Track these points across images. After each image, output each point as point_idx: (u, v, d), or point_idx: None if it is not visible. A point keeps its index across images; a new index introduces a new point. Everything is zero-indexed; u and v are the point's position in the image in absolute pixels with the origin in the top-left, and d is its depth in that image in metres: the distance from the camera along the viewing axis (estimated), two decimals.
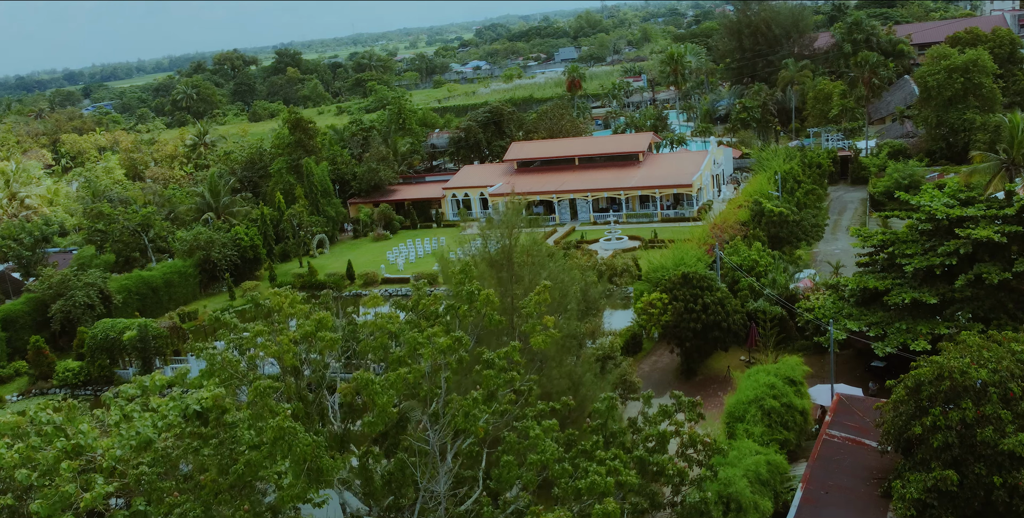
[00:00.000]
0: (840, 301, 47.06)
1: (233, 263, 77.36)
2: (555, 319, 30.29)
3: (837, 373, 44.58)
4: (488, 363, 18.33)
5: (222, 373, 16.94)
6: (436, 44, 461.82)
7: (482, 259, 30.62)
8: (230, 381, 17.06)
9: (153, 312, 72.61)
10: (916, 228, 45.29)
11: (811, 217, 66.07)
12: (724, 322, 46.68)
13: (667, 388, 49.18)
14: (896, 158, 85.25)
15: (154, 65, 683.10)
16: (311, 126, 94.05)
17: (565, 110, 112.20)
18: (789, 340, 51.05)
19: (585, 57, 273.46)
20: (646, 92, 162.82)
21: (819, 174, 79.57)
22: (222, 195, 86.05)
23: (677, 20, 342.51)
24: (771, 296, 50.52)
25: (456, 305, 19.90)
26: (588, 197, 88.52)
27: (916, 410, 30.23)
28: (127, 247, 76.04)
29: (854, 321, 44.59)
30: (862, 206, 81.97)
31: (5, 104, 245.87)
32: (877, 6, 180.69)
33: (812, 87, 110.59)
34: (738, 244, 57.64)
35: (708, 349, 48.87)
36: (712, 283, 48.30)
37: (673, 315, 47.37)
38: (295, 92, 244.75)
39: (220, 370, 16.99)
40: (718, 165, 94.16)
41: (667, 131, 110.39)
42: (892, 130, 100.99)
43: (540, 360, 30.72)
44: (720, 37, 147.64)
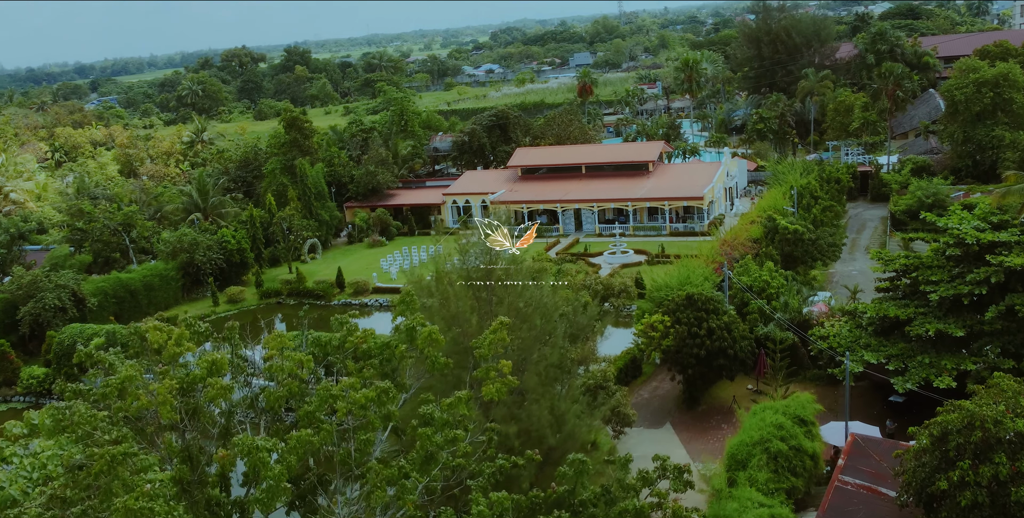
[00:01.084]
0: (857, 329, 43.91)
1: (218, 267, 74.54)
2: (538, 349, 27.39)
3: (852, 408, 41.40)
4: (426, 419, 15.37)
5: (76, 429, 13.92)
6: (451, 46, 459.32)
7: (459, 277, 27.68)
8: (88, 438, 14.00)
9: (131, 317, 69.71)
10: (943, 253, 42.11)
11: (828, 236, 62.87)
12: (730, 349, 43.55)
13: (666, 418, 46.08)
14: (919, 175, 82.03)
15: (166, 61, 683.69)
16: (308, 125, 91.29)
17: (574, 116, 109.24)
18: (801, 369, 47.91)
19: (600, 63, 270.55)
20: (660, 100, 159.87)
21: (837, 190, 76.38)
22: (211, 195, 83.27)
23: (696, 28, 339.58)
24: (782, 321, 47.37)
25: (393, 344, 16.97)
26: (594, 207, 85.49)
27: (942, 462, 27.12)
28: (107, 247, 73.29)
29: (872, 352, 41.46)
30: (882, 225, 78.73)
31: (7, 96, 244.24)
32: (902, 18, 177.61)
33: (832, 98, 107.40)
34: (749, 263, 54.52)
35: (712, 377, 45.77)
36: (719, 306, 45.19)
37: (675, 339, 44.26)
38: (303, 91, 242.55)
39: (73, 426, 13.94)
40: (731, 177, 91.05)
41: (680, 140, 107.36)
42: (915, 146, 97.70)
43: (520, 392, 27.69)
44: (738, 45, 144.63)
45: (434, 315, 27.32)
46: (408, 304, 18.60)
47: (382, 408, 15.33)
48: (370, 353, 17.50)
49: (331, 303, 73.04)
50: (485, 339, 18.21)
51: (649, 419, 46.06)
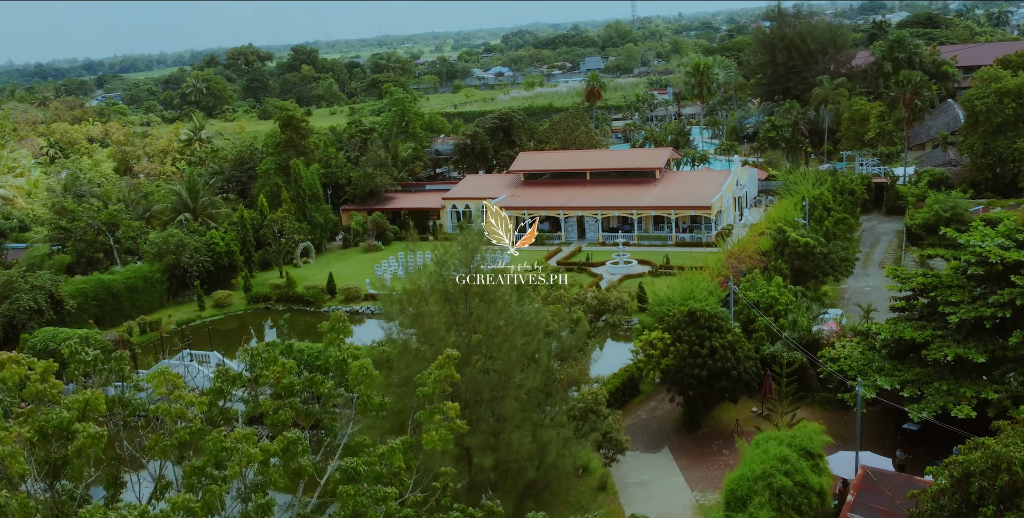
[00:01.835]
0: (870, 351, 41.44)
1: (205, 270, 72.38)
2: (520, 371, 25.08)
3: (863, 435, 38.92)
4: (349, 474, 12.97)
5: None
6: (462, 49, 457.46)
7: (433, 290, 25.39)
8: None
9: (112, 320, 67.83)
10: (964, 271, 39.65)
11: (840, 249, 60.43)
12: (734, 370, 41.13)
13: (664, 442, 43.65)
14: (937, 188, 79.45)
15: (175, 58, 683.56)
16: (304, 125, 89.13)
17: (580, 120, 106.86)
18: (809, 392, 45.46)
19: (611, 68, 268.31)
20: (671, 106, 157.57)
21: (851, 202, 73.90)
22: (201, 195, 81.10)
23: (710, 34, 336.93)
24: (790, 341, 44.92)
25: (318, 379, 14.67)
26: (597, 215, 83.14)
27: (963, 506, 24.75)
28: (90, 247, 71.17)
29: (886, 377, 38.98)
30: (897, 239, 76.21)
31: (10, 90, 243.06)
32: (920, 27, 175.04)
33: (848, 107, 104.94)
34: (756, 277, 52.07)
35: (714, 398, 43.33)
36: (723, 323, 42.78)
37: (675, 358, 41.86)
38: (308, 91, 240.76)
39: None
40: (741, 187, 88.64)
41: (689, 147, 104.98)
42: (933, 157, 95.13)
43: (499, 418, 25.39)
44: (752, 51, 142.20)
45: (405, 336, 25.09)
46: (339, 330, 16.25)
47: (291, 462, 13.01)
48: (292, 390, 15.15)
49: (321, 310, 70.83)
50: (429, 375, 15.80)
51: (646, 442, 43.68)
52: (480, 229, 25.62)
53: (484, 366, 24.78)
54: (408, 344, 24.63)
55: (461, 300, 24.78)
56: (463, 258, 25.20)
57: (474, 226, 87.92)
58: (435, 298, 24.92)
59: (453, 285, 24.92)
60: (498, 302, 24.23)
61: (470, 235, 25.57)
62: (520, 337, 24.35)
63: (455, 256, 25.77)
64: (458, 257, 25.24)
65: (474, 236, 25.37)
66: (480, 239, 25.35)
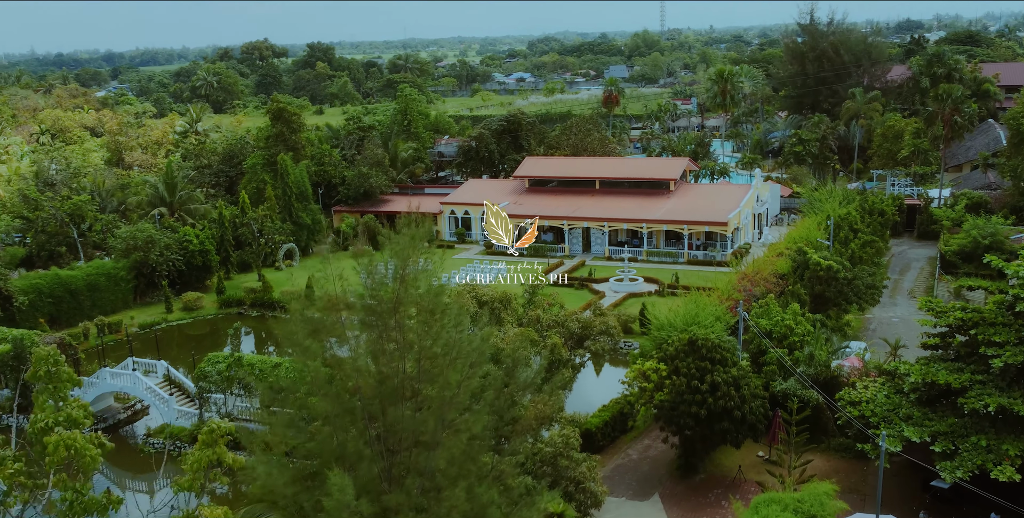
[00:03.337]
0: (897, 395, 36.40)
1: (176, 269, 68.01)
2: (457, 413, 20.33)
3: (885, 491, 33.86)
4: None
5: None
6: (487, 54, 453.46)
7: (360, 308, 20.70)
8: None
9: (70, 320, 63.53)
10: (1010, 307, 34.60)
11: (867, 275, 55.21)
12: (737, 410, 36.16)
13: (655, 488, 38.68)
14: (975, 212, 74.11)
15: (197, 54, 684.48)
16: (295, 118, 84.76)
17: (594, 125, 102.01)
18: (824, 436, 40.41)
19: (636, 77, 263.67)
20: (694, 117, 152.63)
21: (881, 223, 68.65)
22: (179, 188, 76.72)
23: (740, 47, 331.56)
24: (805, 378, 39.88)
25: None
26: (605, 227, 78.27)
27: None
28: (52, 240, 66.92)
29: (914, 427, 33.94)
30: (929, 266, 70.95)
31: (16, 76, 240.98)
32: (960, 44, 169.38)
33: (881, 123, 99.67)
34: (771, 302, 47.05)
35: (715, 440, 38.31)
36: (728, 354, 37.80)
37: (671, 393, 36.95)
38: (323, 89, 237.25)
39: None
40: (762, 203, 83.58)
41: (709, 159, 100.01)
42: (971, 179, 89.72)
43: (429, 471, 20.61)
44: (782, 63, 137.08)
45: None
46: (54, 378, 11.58)
47: None
48: None
49: None
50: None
51: (635, 487, 38.76)
52: (418, 233, 20.90)
53: (415, 404, 20.09)
54: (312, 372, 19.99)
55: (390, 319, 20.12)
56: (396, 268, 20.55)
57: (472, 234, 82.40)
58: (358, 315, 20.31)
59: (382, 301, 20.26)
60: (434, 325, 19.61)
61: (403, 240, 20.83)
62: (459, 369, 19.62)
63: (388, 262, 21.11)
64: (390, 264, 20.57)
65: (408, 240, 20.67)
66: (414, 245, 20.61)
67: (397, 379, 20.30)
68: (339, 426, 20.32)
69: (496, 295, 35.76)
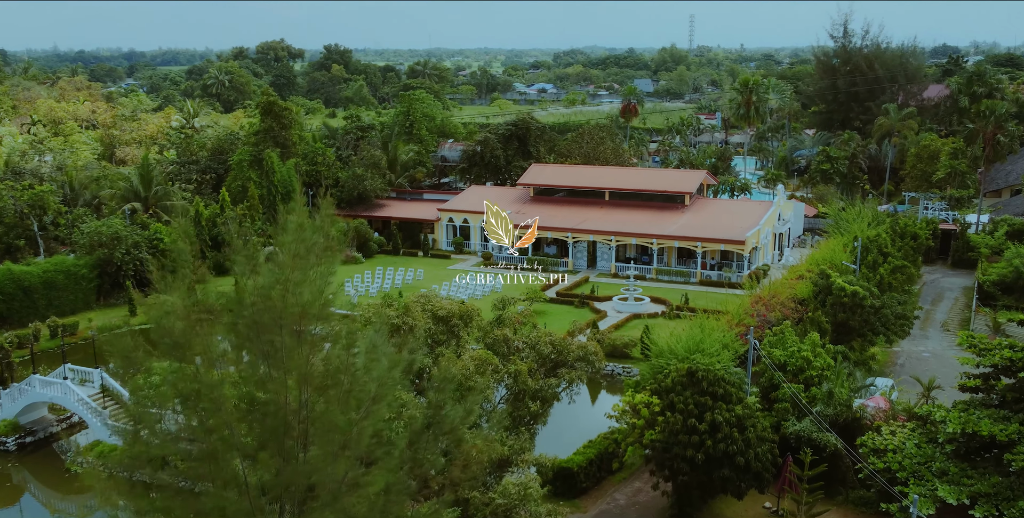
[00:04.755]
0: (929, 445, 31.41)
1: (143, 268, 63.66)
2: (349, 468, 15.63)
3: None
4: None
5: None
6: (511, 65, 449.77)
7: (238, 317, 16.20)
8: None
9: (21, 319, 59.36)
10: None
11: (896, 304, 50.16)
12: (741, 456, 31.22)
13: None
14: (1017, 240, 68.87)
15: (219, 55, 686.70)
16: (287, 114, 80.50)
17: (608, 133, 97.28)
18: (842, 487, 35.37)
19: (661, 91, 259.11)
20: (718, 132, 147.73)
21: (913, 248, 63.52)
22: (155, 183, 72.43)
23: (770, 65, 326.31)
24: (821, 420, 34.86)
25: None
26: (612, 242, 73.50)
27: None
28: (10, 232, 62.73)
29: (950, 486, 28.93)
30: (965, 297, 65.69)
31: (24, 68, 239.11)
32: (1000, 66, 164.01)
33: (915, 142, 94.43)
34: (787, 331, 42.08)
35: (715, 487, 33.37)
36: (733, 389, 32.90)
37: (665, 431, 32.07)
38: (337, 92, 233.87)
39: None
40: (784, 222, 78.59)
41: (729, 174, 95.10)
42: (1012, 205, 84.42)
43: None
44: (812, 78, 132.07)
45: None
46: None
47: None
48: None
49: None
50: None
51: None
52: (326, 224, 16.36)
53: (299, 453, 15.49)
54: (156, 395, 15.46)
55: (275, 337, 15.57)
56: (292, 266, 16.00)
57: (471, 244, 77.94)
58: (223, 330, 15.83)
59: (267, 311, 15.71)
60: (321, 348, 15.08)
61: (306, 236, 16.30)
62: (353, 406, 14.97)
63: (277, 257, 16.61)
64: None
65: (310, 234, 16.15)
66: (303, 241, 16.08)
67: (280, 415, 15.64)
68: (200, 474, 15.72)
69: (456, 310, 31.09)
